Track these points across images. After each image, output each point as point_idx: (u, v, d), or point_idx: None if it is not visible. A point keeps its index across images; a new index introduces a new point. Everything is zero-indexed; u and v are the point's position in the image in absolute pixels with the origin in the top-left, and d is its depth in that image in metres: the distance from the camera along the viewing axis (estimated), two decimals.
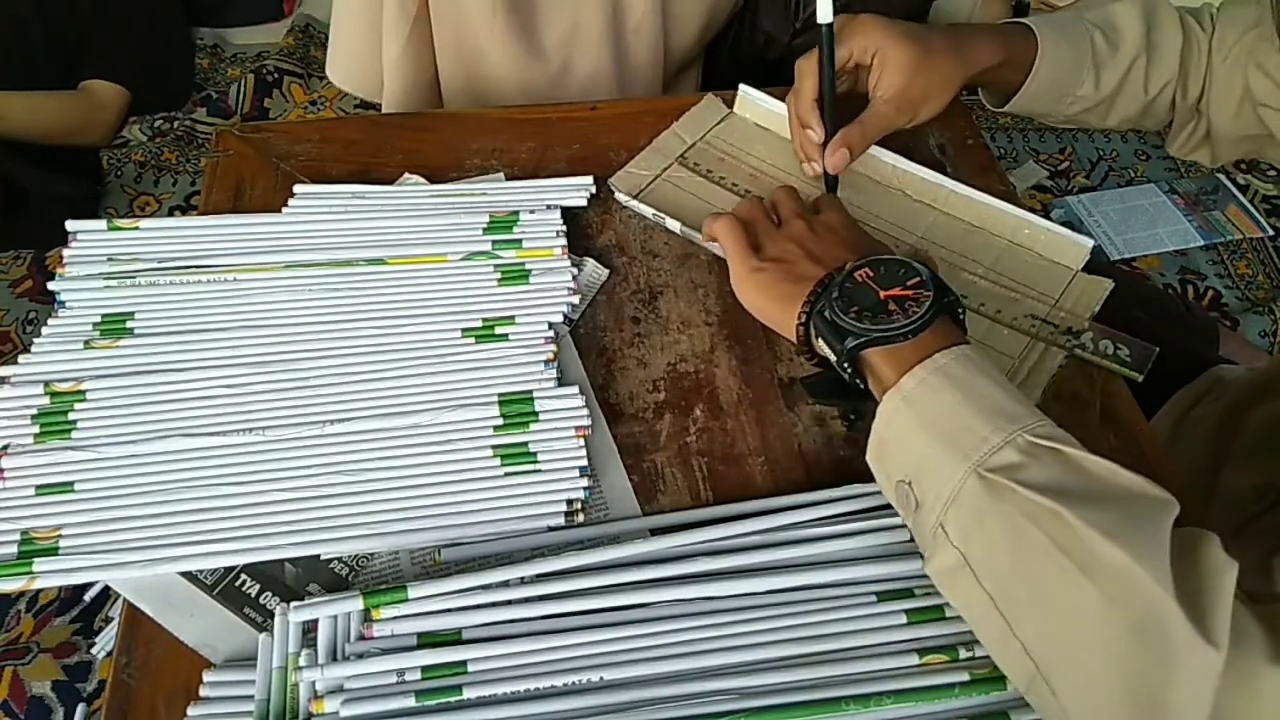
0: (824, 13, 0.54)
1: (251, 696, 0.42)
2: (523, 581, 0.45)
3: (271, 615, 0.45)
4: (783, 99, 0.64)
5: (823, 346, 0.49)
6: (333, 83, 0.88)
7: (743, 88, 0.67)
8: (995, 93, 0.67)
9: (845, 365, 0.47)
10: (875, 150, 0.63)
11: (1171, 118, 0.69)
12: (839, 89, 0.60)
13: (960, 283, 0.60)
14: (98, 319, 0.54)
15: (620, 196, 0.63)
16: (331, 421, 0.51)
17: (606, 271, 0.60)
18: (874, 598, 0.46)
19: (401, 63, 0.80)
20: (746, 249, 0.53)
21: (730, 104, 0.69)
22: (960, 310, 0.48)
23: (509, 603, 0.44)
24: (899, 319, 0.45)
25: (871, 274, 0.48)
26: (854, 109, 0.60)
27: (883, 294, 0.47)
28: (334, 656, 0.43)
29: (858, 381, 0.47)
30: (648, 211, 0.62)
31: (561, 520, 0.48)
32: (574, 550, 0.46)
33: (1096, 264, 0.61)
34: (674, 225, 0.61)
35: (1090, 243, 0.60)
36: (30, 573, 0.46)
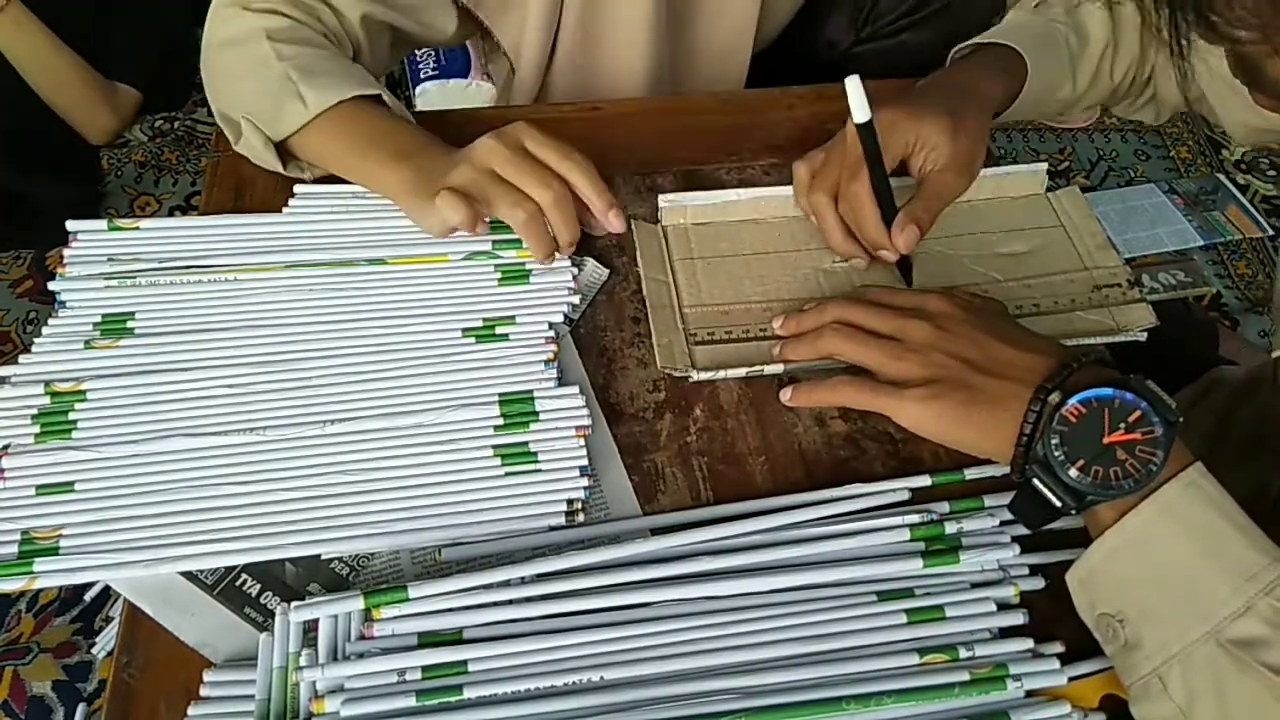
0: (860, 113, 0.50)
1: (252, 696, 0.42)
2: (523, 581, 0.45)
3: (272, 615, 0.45)
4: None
5: (1040, 485, 0.44)
6: None
7: (662, 197, 0.62)
8: None
9: (1072, 511, 0.43)
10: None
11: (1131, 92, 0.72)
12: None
13: (988, 290, 0.58)
14: (98, 319, 0.54)
15: (702, 377, 0.55)
16: (332, 421, 0.51)
17: (606, 271, 0.60)
18: (874, 598, 0.46)
19: None
20: (877, 386, 0.50)
21: (652, 220, 0.63)
22: (1173, 421, 0.42)
23: (509, 602, 0.44)
24: (1135, 474, 0.41)
25: (1085, 412, 0.43)
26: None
27: (1106, 439, 0.42)
28: (335, 656, 0.43)
29: (1072, 511, 0.44)
30: (740, 373, 0.55)
31: (562, 520, 0.48)
32: (574, 550, 0.46)
33: None
34: (775, 368, 0.55)
35: (1043, 167, 0.64)
36: (30, 573, 0.46)
